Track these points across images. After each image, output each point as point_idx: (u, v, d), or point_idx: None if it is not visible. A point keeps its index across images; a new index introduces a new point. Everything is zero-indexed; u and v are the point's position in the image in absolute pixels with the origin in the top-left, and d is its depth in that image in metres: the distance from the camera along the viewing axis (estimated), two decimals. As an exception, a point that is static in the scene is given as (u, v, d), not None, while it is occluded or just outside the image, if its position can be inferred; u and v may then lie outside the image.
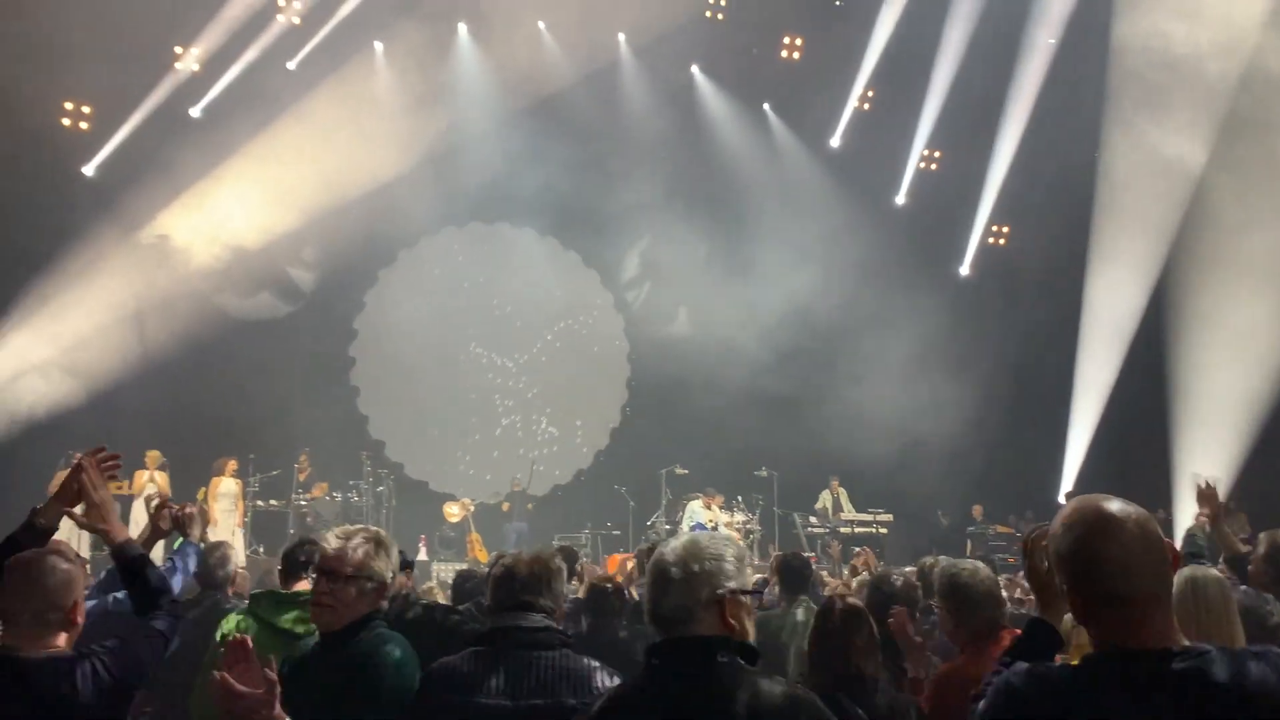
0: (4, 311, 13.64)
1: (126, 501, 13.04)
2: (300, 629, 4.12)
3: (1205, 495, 5.03)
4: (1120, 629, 1.94)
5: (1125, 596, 1.93)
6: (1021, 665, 2.10)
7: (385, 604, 3.17)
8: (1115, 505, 1.99)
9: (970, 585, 3.64)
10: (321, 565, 3.08)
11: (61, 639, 2.95)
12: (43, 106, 14.40)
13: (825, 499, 17.18)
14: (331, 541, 3.10)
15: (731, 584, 2.27)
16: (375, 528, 3.26)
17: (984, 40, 17.30)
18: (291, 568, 4.41)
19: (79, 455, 3.28)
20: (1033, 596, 2.42)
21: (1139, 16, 15.05)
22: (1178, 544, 5.08)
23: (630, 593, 6.21)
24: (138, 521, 12.13)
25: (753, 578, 2.39)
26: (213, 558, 5.09)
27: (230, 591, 5.31)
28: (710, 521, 15.60)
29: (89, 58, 13.58)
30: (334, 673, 2.98)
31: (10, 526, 3.20)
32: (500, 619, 3.15)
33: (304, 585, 4.33)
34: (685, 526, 15.66)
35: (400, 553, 3.22)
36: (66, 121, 15.14)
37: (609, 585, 5.88)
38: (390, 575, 3.15)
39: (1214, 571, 3.36)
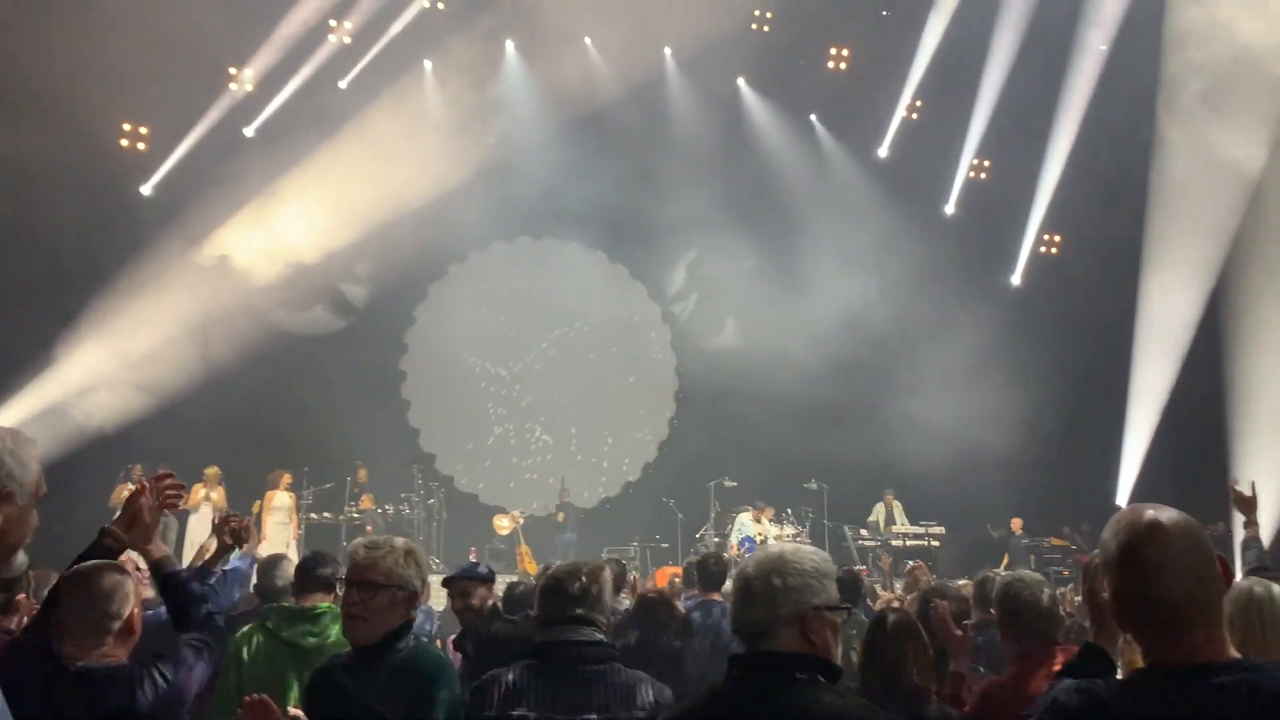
0: (68, 328, 13.94)
1: (182, 516, 13.29)
2: (311, 642, 4.20)
3: (1244, 501, 4.93)
4: (1163, 639, 1.91)
5: (1167, 603, 1.90)
6: (1069, 682, 2.08)
7: (415, 614, 3.10)
8: (1162, 512, 1.97)
9: (1025, 599, 3.60)
10: (352, 576, 3.00)
11: (119, 649, 3.01)
12: (102, 128, 14.73)
13: (879, 511, 17.06)
14: (360, 551, 3.03)
15: (815, 600, 2.25)
16: (402, 538, 3.19)
17: (1033, 46, 17.13)
18: (304, 581, 4.44)
19: (142, 478, 3.33)
20: (1087, 618, 2.40)
21: (1193, 14, 14.81)
22: (1239, 557, 4.99)
23: (678, 605, 6.21)
24: (193, 538, 12.37)
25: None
26: (274, 570, 5.18)
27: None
28: (760, 535, 15.55)
29: (146, 79, 13.86)
30: (375, 686, 2.90)
31: (76, 536, 3.28)
32: (549, 632, 3.14)
33: (318, 599, 4.40)
34: (734, 539, 15.63)
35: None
36: (125, 142, 15.47)
37: (658, 597, 5.89)
38: (420, 584, 3.08)
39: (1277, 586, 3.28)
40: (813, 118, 19.04)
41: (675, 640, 5.68)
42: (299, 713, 2.60)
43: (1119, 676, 2.39)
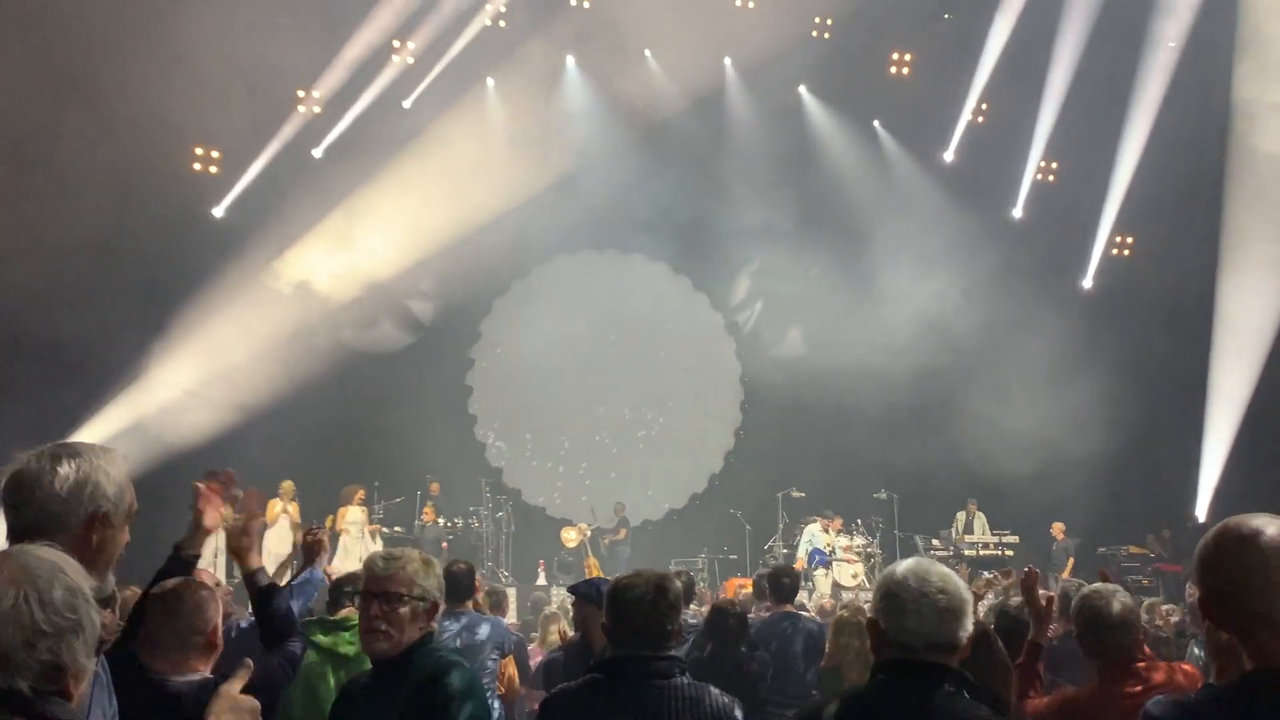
0: (148, 349, 14.29)
1: (259, 530, 13.49)
2: (349, 650, 4.47)
3: None
4: (1271, 645, 1.84)
5: (1269, 612, 1.84)
6: (1162, 697, 2.03)
7: (435, 625, 3.05)
8: (1262, 519, 1.92)
9: (1101, 611, 3.50)
10: (371, 588, 2.93)
11: (202, 663, 3.07)
12: (175, 152, 15.09)
13: (959, 520, 16.84)
14: (379, 563, 2.96)
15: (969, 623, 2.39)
16: (417, 550, 3.17)
17: (1101, 44, 16.82)
18: (336, 597, 4.79)
19: (197, 483, 3.34)
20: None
21: (1268, 5, 14.45)
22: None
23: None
24: (270, 550, 12.55)
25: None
26: (349, 586, 5.24)
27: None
28: (828, 545, 15.42)
29: (217, 104, 14.19)
30: (397, 703, 2.85)
31: (162, 552, 3.33)
32: (618, 647, 3.10)
33: (348, 612, 4.65)
34: (803, 551, 15.50)
35: (689, 579, 3.19)
36: (197, 166, 15.83)
37: (731, 608, 5.85)
38: (440, 595, 3.02)
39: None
40: (876, 124, 18.87)
41: (749, 652, 5.65)
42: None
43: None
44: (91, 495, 2.14)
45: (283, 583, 4.01)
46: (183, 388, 14.29)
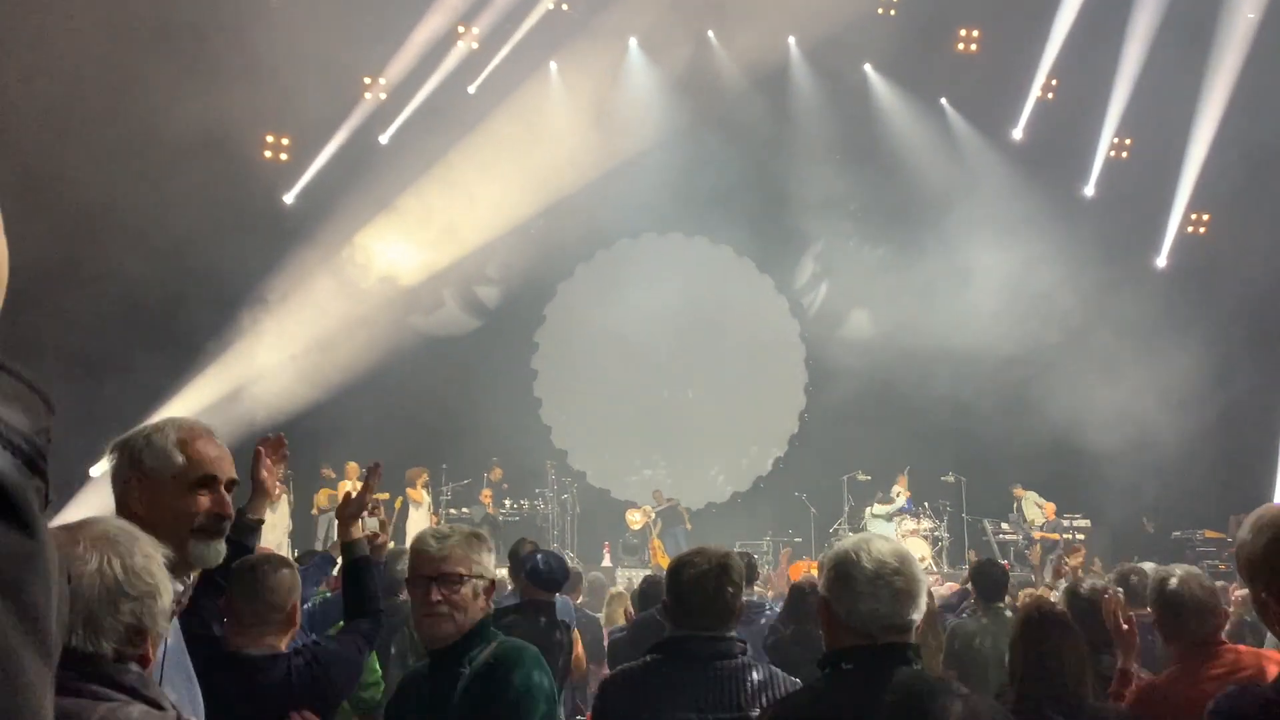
0: (218, 336, 14.60)
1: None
2: None
3: None
4: None
5: None
6: (1235, 687, 2.01)
7: (492, 605, 2.90)
8: None
9: (1181, 594, 3.44)
10: (426, 571, 2.72)
11: (279, 638, 3.16)
12: (247, 140, 15.35)
13: (1026, 502, 16.64)
14: (431, 543, 2.75)
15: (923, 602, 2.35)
16: (464, 525, 3.09)
17: (1176, 17, 16.35)
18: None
19: (261, 449, 3.36)
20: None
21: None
22: None
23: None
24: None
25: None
26: (397, 563, 5.33)
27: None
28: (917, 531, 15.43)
29: (287, 91, 14.40)
30: (459, 692, 2.68)
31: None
32: (679, 627, 3.07)
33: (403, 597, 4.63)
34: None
35: (751, 559, 3.08)
36: (268, 154, 16.10)
37: (810, 588, 5.82)
38: (494, 571, 2.88)
39: None
40: (943, 101, 18.56)
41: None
42: None
43: None
44: (129, 460, 2.28)
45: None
46: (250, 373, 14.58)
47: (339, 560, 4.53)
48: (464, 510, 15.02)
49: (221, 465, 2.34)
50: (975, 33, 17.98)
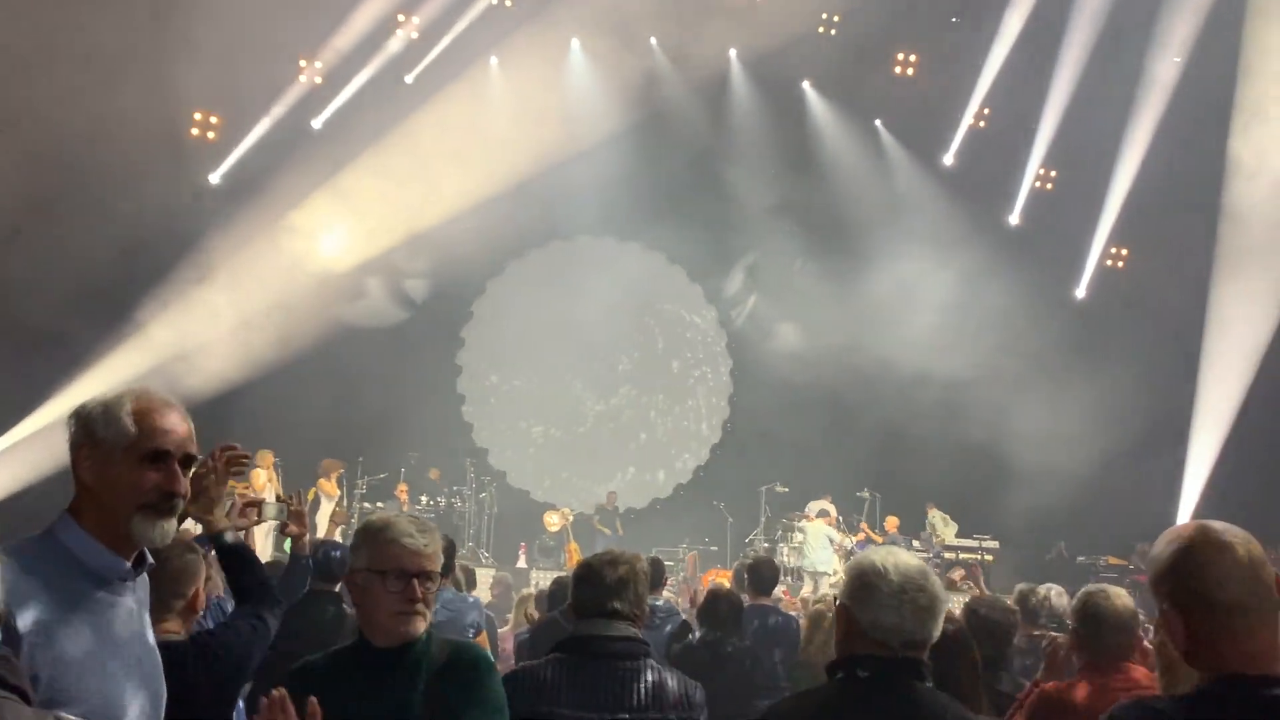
0: (131, 314, 14.20)
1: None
2: None
3: None
4: (1227, 648, 1.86)
5: (1228, 606, 1.87)
6: (1126, 700, 2.04)
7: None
8: (1215, 523, 1.96)
9: (1107, 611, 3.55)
10: (409, 566, 2.60)
11: (180, 625, 3.08)
12: (175, 117, 14.99)
13: (934, 521, 16.92)
14: (416, 538, 2.63)
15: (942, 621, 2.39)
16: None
17: (1105, 56, 16.82)
18: None
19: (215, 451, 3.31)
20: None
21: (1271, 22, 14.44)
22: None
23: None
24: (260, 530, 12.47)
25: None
26: (332, 550, 5.26)
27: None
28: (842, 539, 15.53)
29: (219, 70, 14.09)
30: (412, 689, 2.57)
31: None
32: (582, 626, 3.07)
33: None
34: (823, 549, 15.53)
35: (659, 563, 3.07)
36: (196, 131, 15.73)
37: (729, 595, 5.83)
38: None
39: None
40: (878, 123, 18.84)
41: (739, 643, 5.63)
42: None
43: None
44: (83, 428, 2.18)
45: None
46: (166, 352, 14.21)
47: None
48: (378, 505, 14.77)
49: (177, 440, 2.21)
50: (913, 57, 18.28)
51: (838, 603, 2.40)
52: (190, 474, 2.26)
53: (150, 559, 2.27)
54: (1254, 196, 15.61)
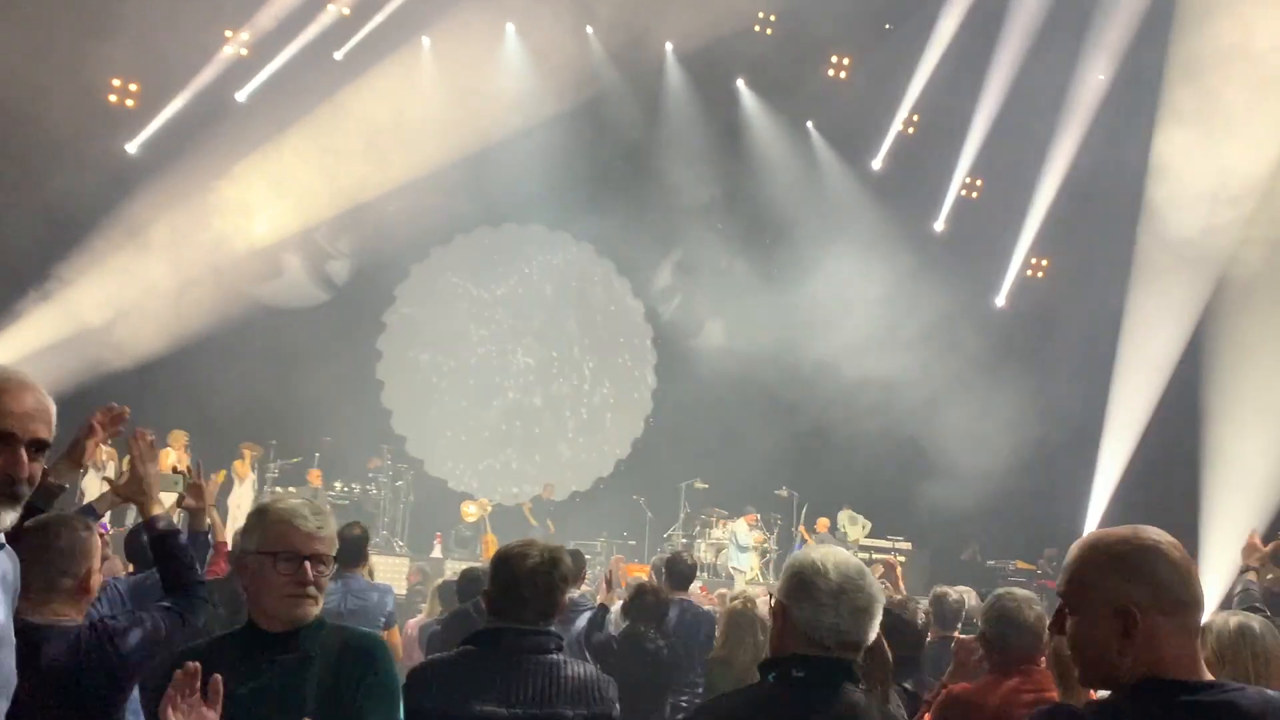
0: (42, 284, 13.71)
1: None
2: None
3: (1250, 547, 4.93)
4: (1160, 651, 1.85)
5: (1179, 606, 1.86)
6: (1044, 706, 2.03)
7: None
8: (1150, 527, 1.96)
9: (1015, 615, 3.61)
10: (300, 548, 2.54)
11: (71, 608, 2.91)
12: (92, 82, 14.47)
13: (843, 520, 17.12)
14: (310, 521, 2.58)
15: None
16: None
17: (1034, 69, 17.13)
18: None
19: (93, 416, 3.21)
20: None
21: (1197, 44, 14.80)
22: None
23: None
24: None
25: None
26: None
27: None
28: (760, 542, 15.61)
29: (140, 36, 13.65)
30: (306, 675, 2.50)
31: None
32: (495, 619, 3.01)
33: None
34: (734, 549, 15.61)
35: (580, 557, 3.00)
36: (114, 98, 15.22)
37: (655, 589, 5.80)
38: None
39: (1266, 621, 3.25)
40: (809, 124, 18.97)
41: (660, 638, 5.61)
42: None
43: None
44: None
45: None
46: (74, 329, 13.74)
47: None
48: (290, 489, 14.45)
49: (22, 421, 2.05)
50: (846, 60, 18.43)
51: (774, 600, 2.36)
52: (43, 459, 2.11)
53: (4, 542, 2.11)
54: (1172, 210, 16.00)
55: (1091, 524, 17.21)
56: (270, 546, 2.55)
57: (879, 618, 2.29)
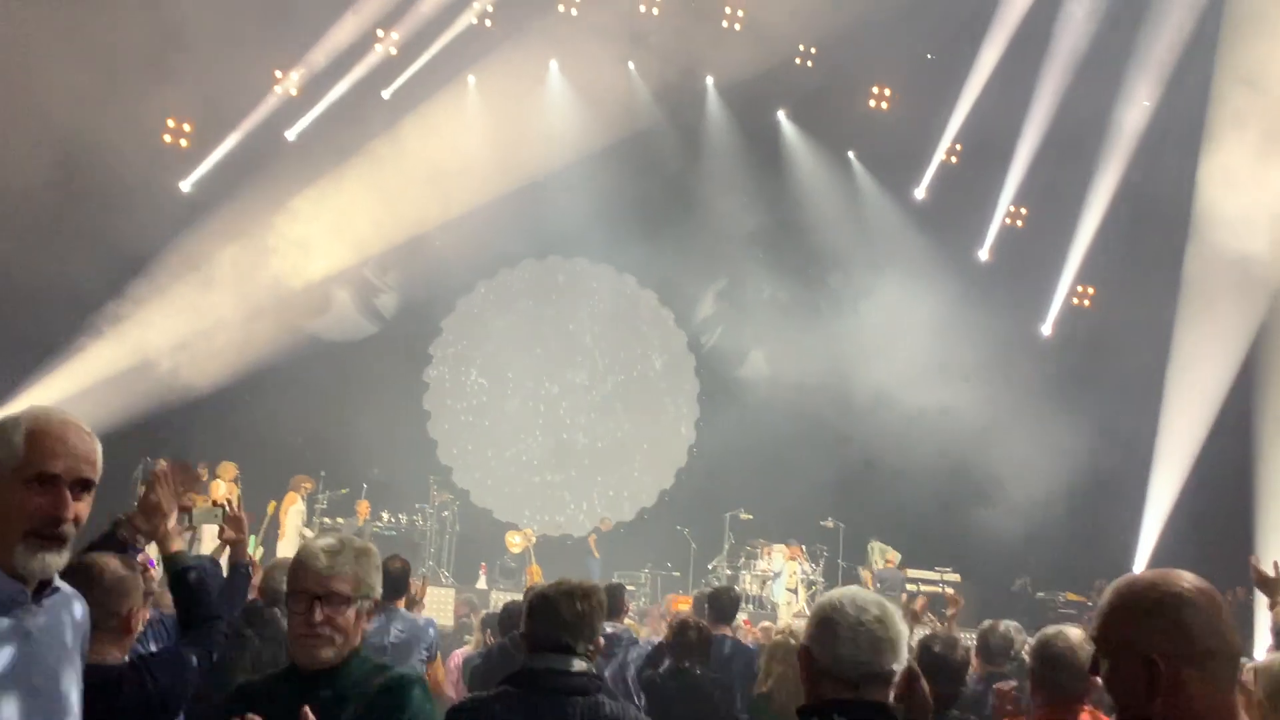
0: (101, 320, 14.03)
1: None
2: None
3: (1265, 581, 4.82)
4: (1203, 701, 1.83)
5: (1224, 655, 1.85)
6: None
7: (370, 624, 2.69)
8: (1185, 572, 1.94)
9: (1064, 655, 3.58)
10: (311, 588, 2.51)
11: (114, 647, 2.95)
12: (147, 123, 14.84)
13: (874, 553, 17.00)
14: (321, 558, 2.53)
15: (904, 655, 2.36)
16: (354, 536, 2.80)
17: (1078, 97, 17.06)
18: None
19: (157, 465, 3.27)
20: None
21: (1243, 62, 14.67)
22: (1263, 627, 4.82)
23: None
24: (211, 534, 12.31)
25: None
26: (279, 573, 5.14)
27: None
28: (794, 574, 15.52)
29: (194, 77, 14.01)
30: (339, 716, 2.47)
31: (91, 530, 3.23)
32: (535, 659, 3.02)
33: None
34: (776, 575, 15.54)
35: (616, 590, 2.98)
36: (168, 138, 15.60)
37: (694, 623, 5.79)
38: (379, 588, 2.65)
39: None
40: (851, 155, 18.97)
41: (705, 673, 5.57)
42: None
43: None
44: None
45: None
46: (135, 361, 14.04)
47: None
48: (339, 521, 14.64)
49: (67, 462, 2.05)
50: (887, 91, 18.45)
51: (800, 646, 2.40)
52: (89, 498, 2.11)
53: (56, 582, 2.13)
54: (1220, 233, 15.80)
55: (1144, 553, 16.94)
56: (288, 586, 2.58)
57: (903, 649, 2.31)
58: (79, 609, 2.22)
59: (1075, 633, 3.72)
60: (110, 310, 14.13)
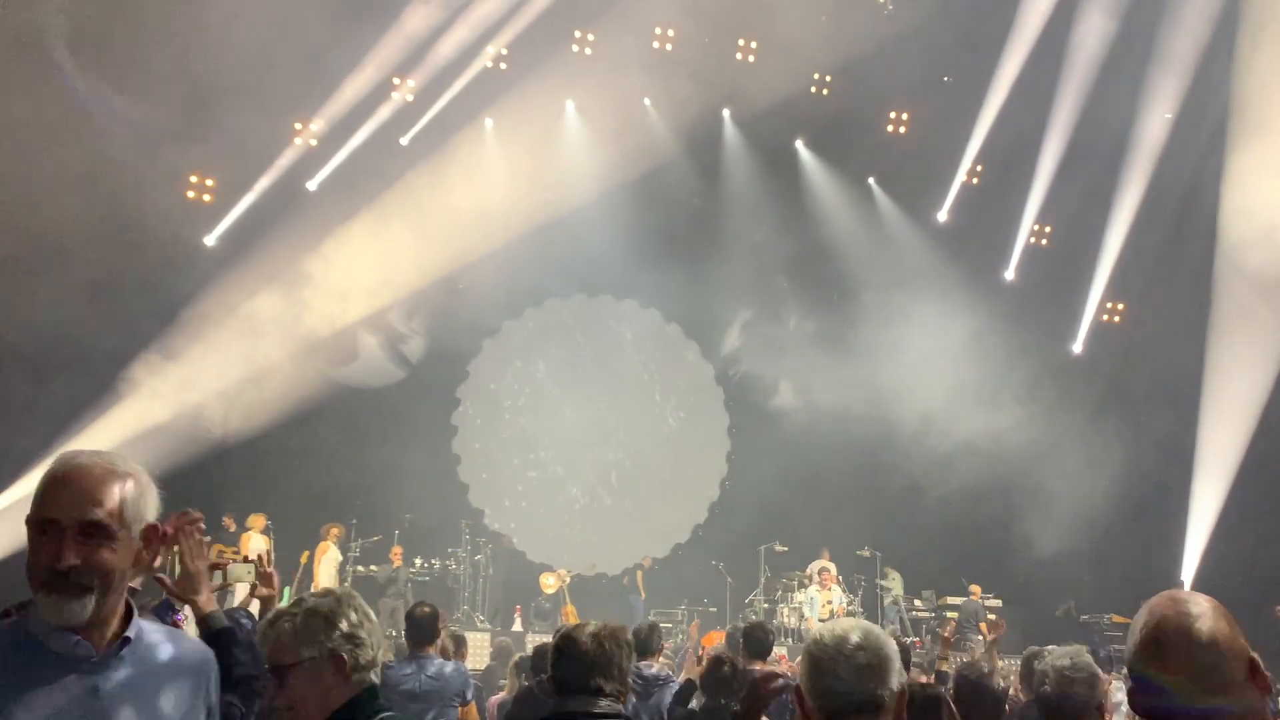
0: (126, 374, 14.13)
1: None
2: None
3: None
4: None
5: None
6: None
7: (372, 677, 2.56)
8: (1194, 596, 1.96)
9: (1073, 680, 3.49)
10: (269, 664, 2.50)
11: None
12: (170, 180, 15.03)
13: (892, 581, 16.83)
14: (265, 631, 2.52)
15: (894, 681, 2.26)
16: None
17: (1097, 112, 16.96)
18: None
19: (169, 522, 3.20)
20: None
21: (1263, 73, 14.56)
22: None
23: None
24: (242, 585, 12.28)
25: None
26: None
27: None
28: (826, 604, 15.35)
29: (215, 132, 14.18)
30: None
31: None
32: (565, 701, 2.98)
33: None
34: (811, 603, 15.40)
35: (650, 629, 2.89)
36: (191, 194, 15.78)
37: (727, 660, 5.72)
38: (347, 640, 2.50)
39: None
40: (871, 181, 18.93)
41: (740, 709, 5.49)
42: None
43: None
44: None
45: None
46: (163, 415, 14.13)
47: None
48: (372, 568, 14.61)
49: (62, 505, 1.96)
50: (905, 115, 18.42)
51: (794, 686, 2.32)
52: (109, 541, 2.01)
53: (131, 631, 2.06)
54: (1249, 248, 15.61)
55: (1189, 570, 16.67)
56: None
57: (892, 674, 2.21)
58: (188, 653, 2.17)
59: (1075, 657, 3.60)
60: (138, 367, 14.24)
